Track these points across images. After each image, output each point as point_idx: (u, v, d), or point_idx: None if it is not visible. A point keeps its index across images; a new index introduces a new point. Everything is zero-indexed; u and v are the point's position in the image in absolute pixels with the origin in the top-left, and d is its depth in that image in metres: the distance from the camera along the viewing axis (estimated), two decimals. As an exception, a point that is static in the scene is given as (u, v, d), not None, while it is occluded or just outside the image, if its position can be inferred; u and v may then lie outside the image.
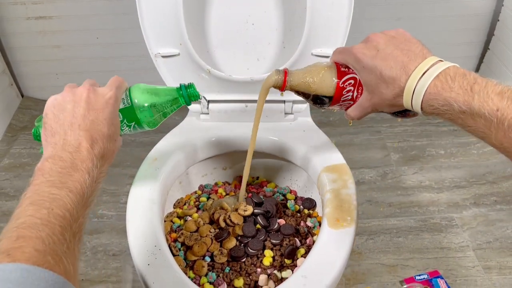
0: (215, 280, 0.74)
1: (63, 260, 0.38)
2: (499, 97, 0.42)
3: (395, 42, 0.52)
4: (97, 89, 0.56)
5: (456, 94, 0.45)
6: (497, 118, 0.42)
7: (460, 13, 1.56)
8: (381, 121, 1.63)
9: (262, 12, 0.87)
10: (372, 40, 0.54)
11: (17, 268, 0.34)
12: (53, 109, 0.53)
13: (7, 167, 1.45)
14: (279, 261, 0.77)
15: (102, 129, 0.53)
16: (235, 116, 0.96)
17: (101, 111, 0.54)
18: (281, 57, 0.91)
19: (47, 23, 1.54)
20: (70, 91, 0.55)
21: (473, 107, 0.44)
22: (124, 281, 1.12)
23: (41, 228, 0.39)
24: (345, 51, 0.57)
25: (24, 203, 0.42)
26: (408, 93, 0.49)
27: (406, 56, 0.50)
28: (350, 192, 0.79)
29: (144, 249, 0.69)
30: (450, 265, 1.15)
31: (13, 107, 1.68)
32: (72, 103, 0.53)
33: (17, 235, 0.38)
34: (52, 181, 0.45)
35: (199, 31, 0.88)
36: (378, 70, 0.52)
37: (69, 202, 0.43)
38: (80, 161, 0.48)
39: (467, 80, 0.45)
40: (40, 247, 0.37)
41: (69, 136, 0.50)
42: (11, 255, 0.36)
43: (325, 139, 0.91)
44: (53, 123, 0.51)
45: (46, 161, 0.47)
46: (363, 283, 1.11)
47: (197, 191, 0.99)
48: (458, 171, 1.42)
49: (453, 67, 0.47)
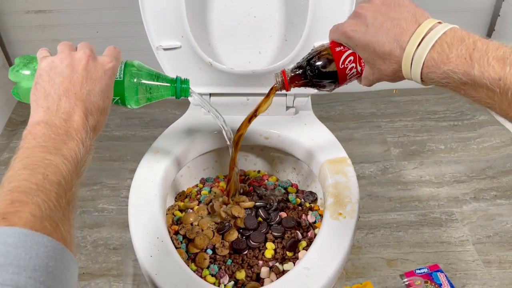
0: (217, 273, 0.74)
1: (60, 227, 0.37)
2: (501, 63, 0.39)
3: (384, 11, 0.48)
4: (97, 57, 0.54)
5: (454, 65, 0.42)
6: (500, 88, 0.39)
7: (461, 8, 1.55)
8: (381, 116, 1.63)
9: (264, 5, 0.87)
10: (360, 14, 0.51)
11: (15, 232, 0.34)
12: (49, 71, 0.50)
13: (7, 161, 1.44)
14: (281, 254, 0.77)
15: (97, 101, 0.51)
16: (237, 109, 0.96)
17: (99, 82, 0.52)
18: (282, 50, 0.91)
19: (46, 17, 1.53)
20: (69, 54, 0.52)
21: (474, 78, 0.41)
22: (125, 275, 1.12)
23: (36, 193, 0.38)
24: (337, 30, 0.54)
25: (16, 167, 0.41)
26: (406, 68, 0.46)
27: (398, 27, 0.46)
28: (352, 185, 0.79)
29: (146, 241, 0.69)
30: (450, 259, 1.15)
31: (13, 101, 1.68)
32: (70, 68, 0.51)
33: (12, 199, 0.37)
34: (45, 147, 0.43)
35: (201, 23, 0.88)
36: (371, 47, 0.49)
37: (64, 170, 0.42)
38: (74, 130, 0.47)
39: (466, 46, 0.42)
40: (37, 212, 0.36)
41: (63, 102, 0.48)
42: (7, 219, 0.35)
43: (326, 133, 0.91)
44: (48, 85, 0.49)
45: (38, 125, 0.46)
46: (363, 277, 1.12)
47: (199, 184, 0.99)
48: (458, 165, 1.43)
49: (450, 31, 0.43)
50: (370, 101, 1.69)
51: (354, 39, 0.51)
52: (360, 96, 1.71)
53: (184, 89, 0.64)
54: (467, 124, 1.58)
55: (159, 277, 0.63)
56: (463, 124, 1.58)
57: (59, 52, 0.53)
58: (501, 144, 1.49)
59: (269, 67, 0.88)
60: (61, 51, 0.53)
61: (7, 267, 0.31)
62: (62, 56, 0.52)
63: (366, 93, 1.72)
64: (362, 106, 1.68)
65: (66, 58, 0.52)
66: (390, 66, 0.48)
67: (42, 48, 0.56)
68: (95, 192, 1.35)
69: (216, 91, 0.94)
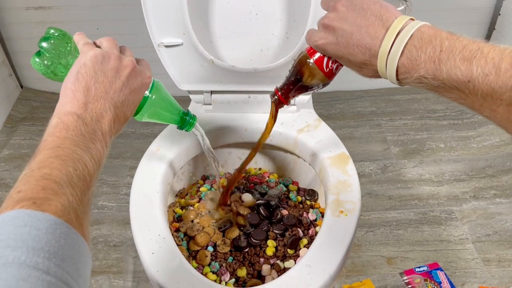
0: (218, 270, 0.74)
1: (82, 222, 0.38)
2: (468, 63, 0.39)
3: (351, 19, 0.48)
4: (139, 68, 0.54)
5: (424, 70, 0.42)
6: (469, 90, 0.39)
7: (461, 7, 1.55)
8: (381, 114, 1.63)
9: (266, 3, 0.87)
10: (328, 26, 0.50)
11: (45, 218, 0.34)
12: (94, 65, 0.50)
13: (7, 158, 1.45)
14: (282, 251, 0.77)
15: (126, 111, 0.52)
16: (238, 107, 0.96)
17: (133, 94, 0.52)
18: (284, 48, 0.91)
19: (46, 14, 1.53)
20: (118, 57, 0.52)
21: (444, 81, 0.41)
22: (125, 272, 1.12)
23: (66, 185, 0.38)
24: (310, 40, 0.55)
25: (47, 153, 0.41)
26: (383, 73, 0.47)
27: (367, 36, 0.46)
28: (353, 182, 0.79)
29: (148, 238, 0.69)
30: (449, 258, 1.16)
31: (12, 98, 1.67)
32: (114, 71, 0.51)
33: (43, 185, 0.37)
34: (76, 142, 0.43)
35: (203, 21, 0.88)
36: (346, 58, 0.50)
37: (90, 168, 0.43)
38: (101, 132, 0.47)
39: (434, 48, 0.41)
40: (66, 203, 0.37)
41: (98, 102, 0.48)
42: (37, 204, 0.35)
43: (328, 131, 0.91)
44: (90, 80, 0.49)
45: (70, 115, 0.45)
46: (363, 275, 1.12)
47: (199, 181, 0.99)
48: (457, 164, 1.43)
49: (417, 32, 0.43)
50: (370, 100, 1.69)
51: (328, 51, 0.52)
52: (360, 95, 1.71)
53: (190, 124, 0.66)
54: (467, 123, 1.58)
55: (161, 275, 0.63)
56: (463, 122, 1.58)
57: (108, 49, 0.53)
58: (501, 143, 1.49)
59: (270, 64, 0.88)
60: (110, 48, 0.53)
61: (38, 251, 0.31)
62: (110, 55, 0.52)
63: (366, 92, 1.72)
64: (362, 105, 1.68)
65: (114, 59, 0.51)
66: (368, 72, 0.49)
67: (79, 33, 0.56)
68: (95, 189, 1.35)
69: (218, 88, 0.94)
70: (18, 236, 0.31)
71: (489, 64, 0.38)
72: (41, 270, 0.30)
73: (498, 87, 0.37)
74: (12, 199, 0.35)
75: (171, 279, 0.63)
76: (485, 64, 0.38)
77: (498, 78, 0.37)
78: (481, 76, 0.38)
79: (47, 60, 0.55)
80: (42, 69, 0.56)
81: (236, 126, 0.94)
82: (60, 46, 0.55)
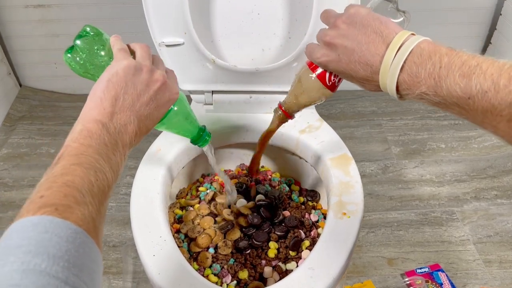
0: (219, 272, 0.74)
1: (98, 233, 0.38)
2: (467, 80, 0.39)
3: (352, 36, 0.48)
4: (168, 83, 0.54)
5: (425, 87, 0.42)
6: (469, 106, 0.39)
7: (463, 6, 1.55)
8: (382, 114, 1.62)
9: (268, 2, 0.86)
10: (329, 44, 0.51)
11: (67, 226, 0.34)
12: (126, 75, 0.49)
13: (6, 157, 1.44)
14: (284, 253, 0.77)
15: (149, 125, 0.52)
16: (239, 107, 0.95)
17: (159, 109, 0.53)
18: (286, 48, 0.90)
19: (45, 12, 1.52)
20: (150, 70, 0.52)
21: (444, 97, 0.41)
22: (124, 272, 1.12)
23: (86, 194, 0.38)
24: (311, 56, 0.56)
25: (70, 160, 0.41)
26: (384, 89, 0.47)
27: (368, 53, 0.47)
28: (356, 184, 0.78)
29: (149, 240, 0.68)
30: (451, 259, 1.15)
31: (11, 96, 1.66)
32: (144, 85, 0.50)
33: (65, 192, 0.37)
34: (99, 151, 0.43)
35: (204, 20, 0.87)
36: (348, 74, 0.51)
37: (110, 179, 0.43)
38: (122, 144, 0.47)
39: (433, 65, 0.41)
40: (86, 213, 0.37)
41: (123, 114, 0.48)
42: (59, 211, 0.35)
43: (330, 131, 0.90)
44: (119, 90, 0.48)
45: (95, 123, 0.45)
46: (364, 276, 1.12)
47: (199, 178, 0.98)
48: (458, 165, 1.42)
49: (416, 48, 0.43)
50: (370, 100, 1.69)
51: (330, 67, 0.54)
52: (360, 95, 1.70)
53: (205, 141, 0.67)
54: (468, 123, 1.54)
55: (163, 277, 0.63)
56: (464, 123, 1.58)
57: (141, 59, 0.53)
58: (502, 143, 1.49)
59: (272, 64, 0.87)
60: (143, 59, 0.53)
61: (58, 260, 0.31)
62: (143, 67, 0.51)
63: (366, 92, 1.70)
64: (363, 105, 1.67)
65: (146, 72, 0.51)
66: (371, 87, 0.50)
67: (116, 36, 0.55)
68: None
69: (219, 88, 0.93)
70: (40, 243, 0.32)
71: (488, 80, 0.38)
72: (60, 279, 0.30)
73: (497, 104, 0.37)
74: (34, 203, 0.35)
75: (173, 281, 0.62)
76: (484, 80, 0.38)
77: (497, 95, 0.37)
78: (481, 92, 0.38)
79: (79, 58, 0.55)
80: (73, 65, 0.55)
81: (237, 126, 0.93)
82: (94, 45, 0.55)
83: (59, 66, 1.64)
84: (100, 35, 0.56)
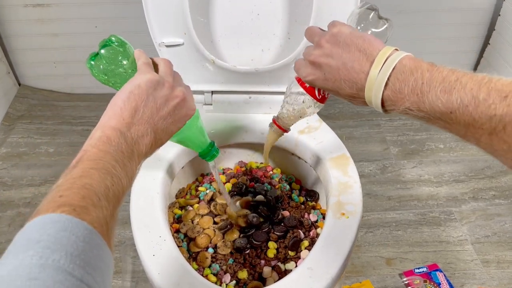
0: (218, 272, 0.74)
1: (110, 237, 0.39)
2: (448, 95, 0.40)
3: (336, 55, 0.50)
4: (187, 99, 0.55)
5: (409, 103, 0.43)
6: (452, 120, 0.40)
7: (461, 7, 1.55)
8: (381, 114, 1.61)
9: (268, 3, 0.86)
10: (315, 63, 0.53)
11: (83, 226, 0.35)
12: (149, 89, 0.51)
13: (5, 156, 1.44)
14: (283, 253, 0.77)
15: (164, 138, 0.53)
16: (238, 107, 0.95)
17: (176, 123, 0.54)
18: (285, 48, 0.90)
19: (45, 11, 1.52)
20: (171, 86, 0.53)
21: (428, 112, 0.42)
22: (124, 272, 1.12)
23: (102, 198, 0.39)
24: (298, 73, 0.57)
25: (89, 164, 0.42)
26: (370, 104, 0.48)
27: (353, 71, 0.48)
28: (354, 184, 0.79)
29: (148, 240, 0.68)
30: (449, 259, 1.16)
31: (10, 95, 1.66)
32: (164, 100, 0.52)
33: (84, 194, 0.38)
34: (116, 158, 0.44)
35: (204, 20, 0.87)
36: (335, 92, 0.52)
37: (124, 185, 0.44)
38: (137, 153, 0.48)
39: (416, 81, 0.42)
40: (101, 216, 0.38)
41: (141, 125, 0.49)
42: (77, 211, 0.36)
43: (329, 131, 0.91)
44: (140, 103, 0.49)
45: (114, 130, 0.46)
46: (362, 275, 1.12)
47: (199, 177, 0.98)
48: (457, 165, 1.43)
49: (399, 65, 0.44)
50: (369, 100, 1.69)
51: (317, 85, 0.55)
52: (359, 94, 1.71)
53: (212, 156, 0.68)
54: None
55: (162, 277, 0.63)
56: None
57: (163, 74, 0.54)
58: (500, 144, 1.49)
59: (272, 65, 0.87)
60: (166, 75, 0.54)
61: (75, 258, 0.32)
62: (165, 83, 0.53)
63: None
64: (362, 105, 1.67)
65: (167, 88, 0.53)
66: (358, 103, 0.51)
67: (140, 50, 0.57)
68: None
69: (218, 88, 0.93)
70: (58, 240, 0.33)
71: (468, 94, 0.39)
72: (76, 277, 0.31)
73: (478, 117, 0.38)
74: (54, 202, 0.36)
75: (172, 281, 0.63)
76: (464, 94, 0.39)
77: (477, 108, 0.38)
78: (462, 106, 0.39)
79: (102, 65, 0.56)
80: (95, 72, 0.56)
81: (237, 127, 0.94)
82: (118, 56, 0.56)
83: (58, 66, 1.64)
84: (125, 45, 0.57)
